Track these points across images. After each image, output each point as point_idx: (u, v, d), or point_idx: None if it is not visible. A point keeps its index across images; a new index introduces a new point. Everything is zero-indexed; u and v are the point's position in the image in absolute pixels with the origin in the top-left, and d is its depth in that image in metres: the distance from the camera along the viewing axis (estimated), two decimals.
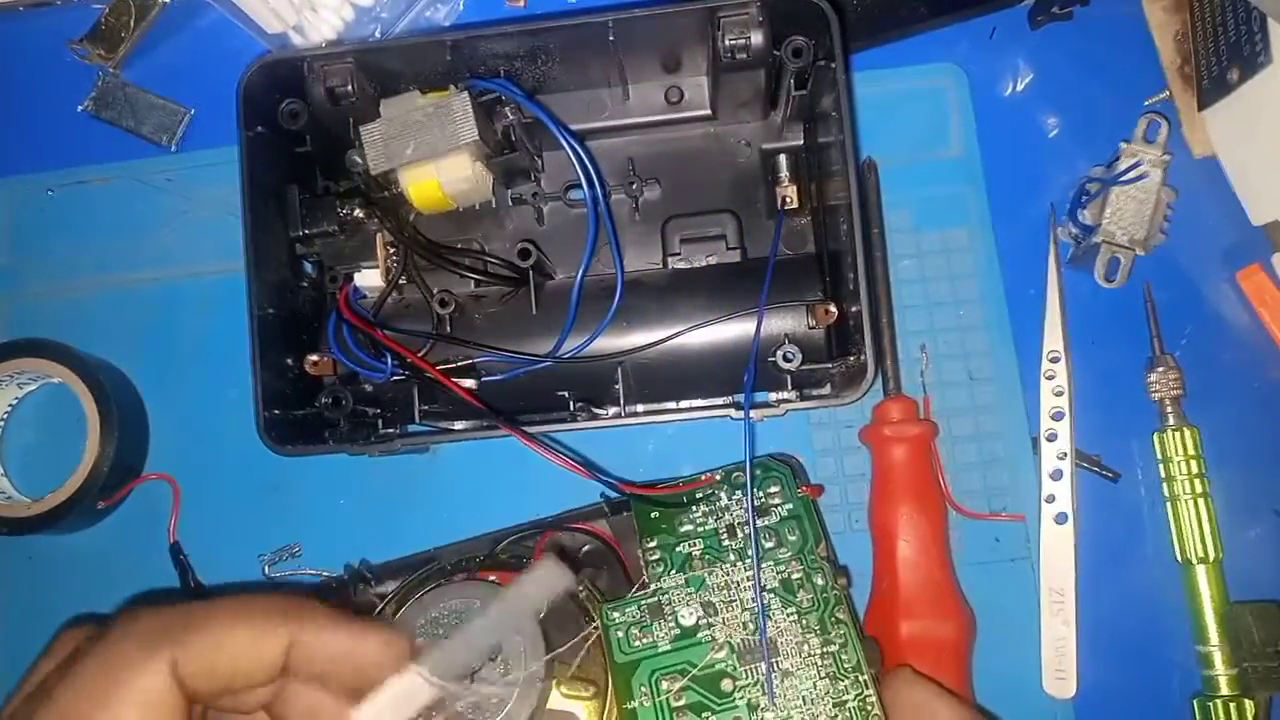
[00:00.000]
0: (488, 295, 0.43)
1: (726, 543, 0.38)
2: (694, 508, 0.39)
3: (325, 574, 0.45)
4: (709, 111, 0.45)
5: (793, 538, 0.38)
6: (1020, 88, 0.48)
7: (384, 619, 0.37)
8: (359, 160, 0.40)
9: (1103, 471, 0.45)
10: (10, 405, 0.48)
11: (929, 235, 0.47)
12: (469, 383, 0.41)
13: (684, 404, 0.43)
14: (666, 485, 0.41)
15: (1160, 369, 0.44)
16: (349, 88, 0.40)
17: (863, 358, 0.38)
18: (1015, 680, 0.42)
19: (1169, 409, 0.44)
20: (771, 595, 0.37)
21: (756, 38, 0.40)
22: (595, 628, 0.38)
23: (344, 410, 0.41)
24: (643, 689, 0.36)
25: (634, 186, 0.44)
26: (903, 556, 0.42)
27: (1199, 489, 0.43)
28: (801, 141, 0.45)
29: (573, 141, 0.41)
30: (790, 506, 0.39)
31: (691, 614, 0.37)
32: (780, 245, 0.45)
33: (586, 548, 0.42)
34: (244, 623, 0.27)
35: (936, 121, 0.48)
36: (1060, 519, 0.44)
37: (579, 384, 0.42)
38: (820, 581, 0.37)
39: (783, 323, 0.41)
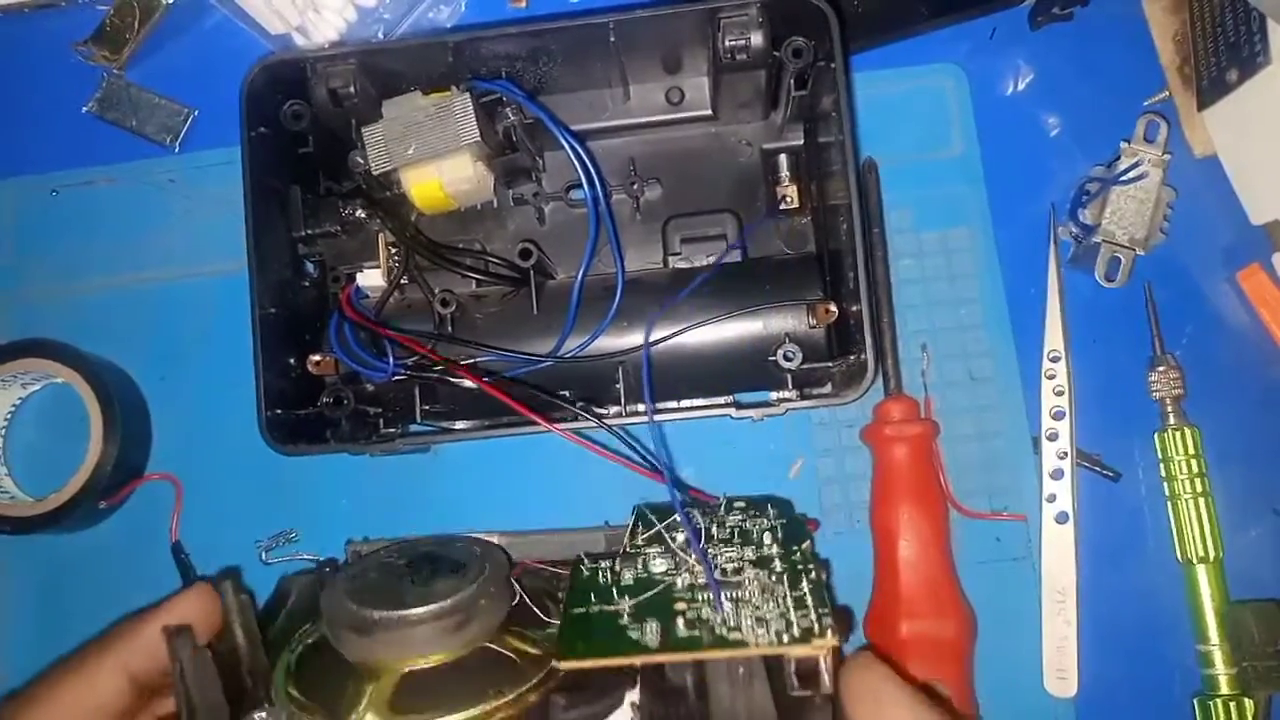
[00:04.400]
0: (489, 295, 0.43)
1: (715, 533, 0.38)
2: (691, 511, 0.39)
3: (319, 558, 0.45)
4: (709, 112, 0.45)
5: (780, 535, 0.37)
6: (1020, 88, 0.49)
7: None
8: (361, 161, 0.41)
9: (1103, 471, 0.45)
10: (14, 405, 0.48)
11: (929, 235, 0.47)
12: (470, 382, 0.41)
13: (684, 403, 0.43)
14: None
15: (1161, 369, 0.44)
16: (351, 89, 0.41)
17: (863, 357, 0.38)
18: (1016, 679, 0.43)
19: (1169, 409, 0.44)
20: (747, 563, 0.35)
21: (756, 38, 0.40)
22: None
23: (345, 410, 0.41)
24: (593, 599, 0.33)
25: (635, 186, 0.45)
26: (903, 556, 0.42)
27: (1199, 488, 0.43)
28: (802, 141, 0.45)
29: (574, 142, 0.41)
30: (784, 521, 0.38)
31: (663, 564, 0.36)
32: (780, 245, 0.45)
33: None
34: (74, 673, 0.32)
35: (936, 121, 0.48)
36: (1061, 518, 0.44)
37: (579, 384, 0.42)
38: (797, 559, 0.35)
39: (783, 322, 0.41)
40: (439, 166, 0.40)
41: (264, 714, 0.31)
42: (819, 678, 0.30)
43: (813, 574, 0.33)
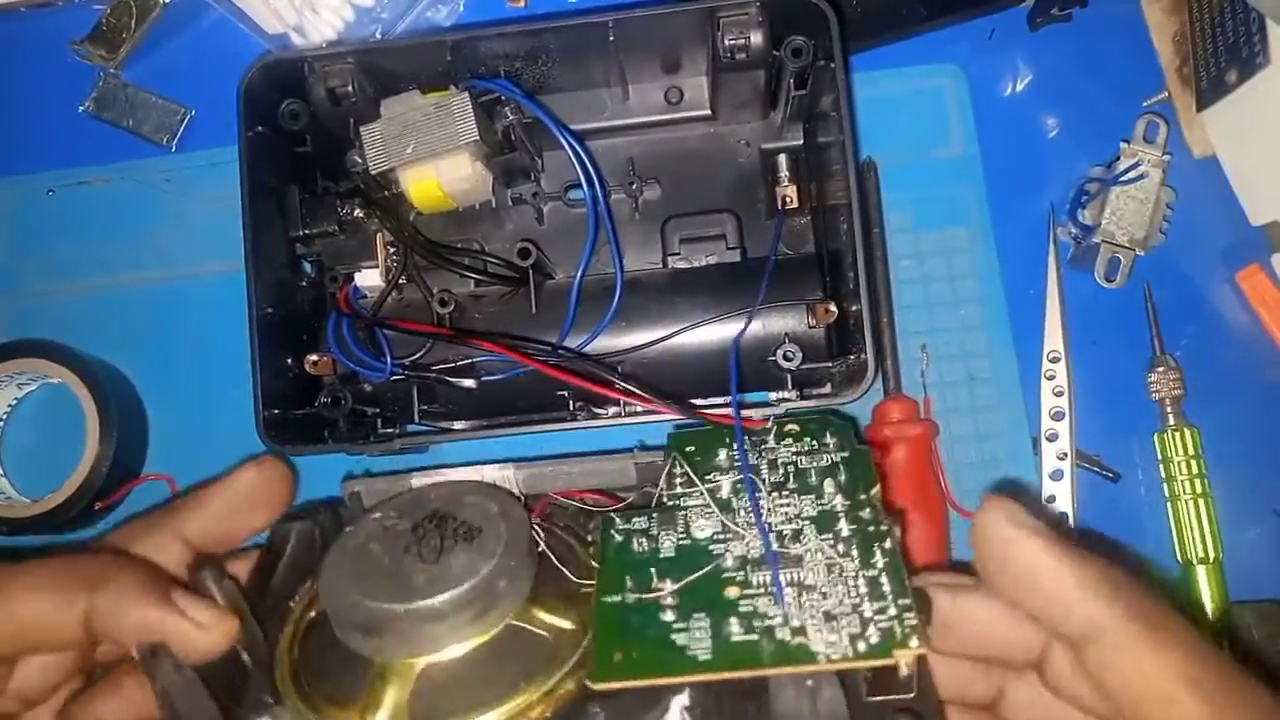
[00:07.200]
0: (487, 295, 0.43)
1: (765, 475, 0.33)
2: (735, 444, 0.34)
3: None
4: (709, 111, 0.45)
5: (842, 479, 0.32)
6: (1020, 88, 0.49)
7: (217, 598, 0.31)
8: (359, 160, 0.40)
9: (1103, 472, 0.45)
10: (10, 405, 0.48)
11: (929, 235, 0.47)
12: (469, 383, 0.41)
13: (684, 404, 0.43)
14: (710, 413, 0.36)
15: (1160, 369, 0.44)
16: (349, 88, 0.40)
17: (863, 357, 0.38)
18: None
19: (1169, 409, 0.44)
20: (806, 523, 0.30)
21: (756, 38, 0.40)
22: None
23: (343, 410, 0.41)
24: (629, 584, 0.29)
25: (634, 186, 0.44)
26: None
27: (1199, 489, 0.43)
28: (801, 141, 0.45)
29: (573, 141, 0.41)
30: (846, 455, 0.34)
31: (708, 527, 0.31)
32: (780, 245, 0.45)
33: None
34: (40, 590, 0.29)
35: (936, 121, 0.48)
36: (1061, 519, 0.44)
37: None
38: (867, 515, 0.30)
39: (783, 322, 0.41)
40: (437, 166, 0.40)
41: (267, 718, 0.29)
42: (898, 681, 0.25)
43: (886, 541, 0.29)
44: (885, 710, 0.25)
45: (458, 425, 0.43)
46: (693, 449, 0.35)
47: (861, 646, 0.25)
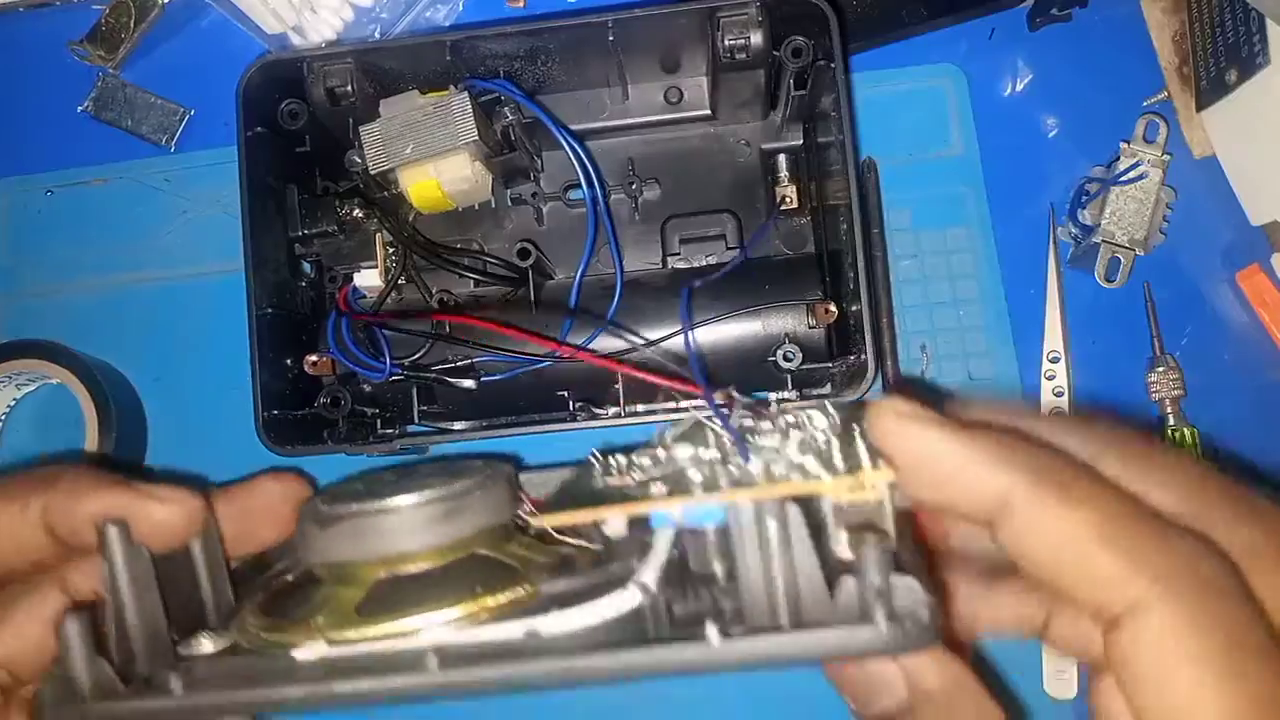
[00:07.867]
0: (487, 295, 0.43)
1: (763, 428, 0.30)
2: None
3: None
4: (709, 111, 0.45)
5: (837, 421, 0.29)
6: (1020, 88, 0.48)
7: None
8: (358, 160, 0.40)
9: None
10: (9, 406, 0.48)
11: (929, 235, 0.47)
12: (468, 383, 0.41)
13: (684, 404, 0.43)
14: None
15: (1160, 369, 0.44)
16: (348, 88, 0.40)
17: (863, 357, 0.38)
18: (1016, 681, 0.42)
19: (1169, 409, 0.44)
20: (791, 443, 0.28)
21: (756, 38, 0.40)
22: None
23: (343, 410, 0.41)
24: (595, 475, 0.29)
25: (634, 186, 0.44)
26: None
27: None
28: (801, 141, 0.45)
29: (572, 141, 0.41)
30: (843, 414, 0.30)
31: (688, 450, 0.29)
32: (780, 245, 0.45)
33: None
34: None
35: (936, 121, 0.48)
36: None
37: (579, 384, 0.42)
38: (855, 432, 0.27)
39: (783, 322, 0.41)
40: (437, 166, 0.40)
41: (208, 634, 0.27)
42: (875, 527, 0.23)
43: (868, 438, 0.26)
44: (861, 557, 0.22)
45: (457, 426, 0.43)
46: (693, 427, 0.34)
47: (826, 477, 0.24)
